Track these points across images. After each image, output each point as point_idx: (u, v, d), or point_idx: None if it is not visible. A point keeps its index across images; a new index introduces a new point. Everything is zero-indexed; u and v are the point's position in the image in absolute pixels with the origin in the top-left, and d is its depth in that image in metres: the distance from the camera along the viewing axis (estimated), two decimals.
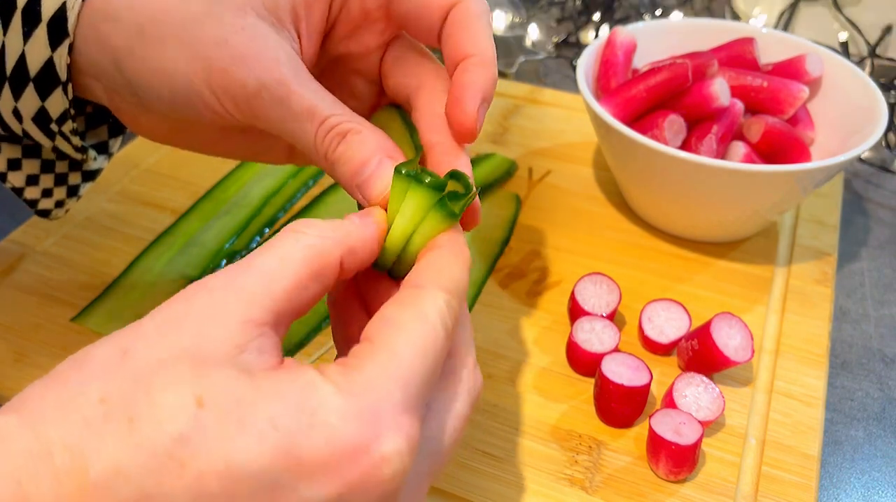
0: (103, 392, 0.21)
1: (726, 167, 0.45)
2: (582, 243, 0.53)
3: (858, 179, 0.63)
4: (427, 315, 0.25)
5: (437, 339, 0.24)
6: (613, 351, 0.42)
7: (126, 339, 0.22)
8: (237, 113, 0.31)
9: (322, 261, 0.25)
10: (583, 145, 0.63)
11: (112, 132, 0.40)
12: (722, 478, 0.39)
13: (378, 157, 0.30)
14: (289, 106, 0.30)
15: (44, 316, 0.47)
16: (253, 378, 0.21)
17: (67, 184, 0.40)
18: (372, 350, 0.23)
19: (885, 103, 0.50)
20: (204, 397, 0.20)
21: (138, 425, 0.20)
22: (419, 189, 0.28)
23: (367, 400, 0.22)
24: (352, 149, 0.30)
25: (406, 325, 0.24)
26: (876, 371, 0.48)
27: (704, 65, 0.53)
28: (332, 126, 0.30)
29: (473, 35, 0.32)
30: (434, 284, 0.26)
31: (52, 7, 0.31)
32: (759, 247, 0.53)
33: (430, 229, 0.29)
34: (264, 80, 0.30)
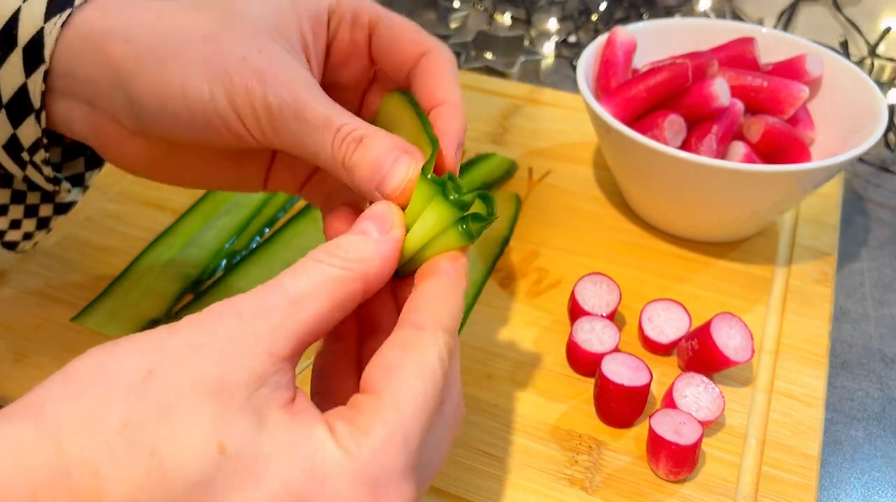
0: (126, 416, 0.21)
1: (726, 167, 0.45)
2: (582, 243, 0.53)
3: (858, 179, 0.63)
4: (430, 362, 0.25)
5: (437, 384, 0.25)
6: (613, 351, 0.42)
7: (151, 358, 0.22)
8: (257, 131, 0.31)
9: (345, 294, 0.26)
10: (583, 145, 0.63)
11: (88, 165, 0.40)
12: (722, 478, 0.39)
13: (394, 155, 0.30)
14: (307, 120, 0.30)
15: (44, 316, 0.47)
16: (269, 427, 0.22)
17: (38, 217, 0.40)
18: (378, 407, 0.24)
19: (885, 103, 0.50)
20: (226, 445, 0.21)
21: (159, 460, 0.20)
22: (444, 204, 0.29)
23: (373, 470, 0.23)
24: (368, 151, 0.30)
25: (409, 376, 0.25)
26: (876, 371, 0.48)
27: (704, 65, 0.53)
28: (347, 132, 0.30)
29: (444, 83, 0.33)
30: (435, 325, 0.26)
31: (30, 31, 0.31)
32: (759, 247, 0.53)
33: (445, 244, 0.29)
34: (284, 97, 0.30)
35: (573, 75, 0.76)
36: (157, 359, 0.22)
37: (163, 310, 0.47)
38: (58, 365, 0.22)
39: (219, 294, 0.48)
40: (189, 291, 0.49)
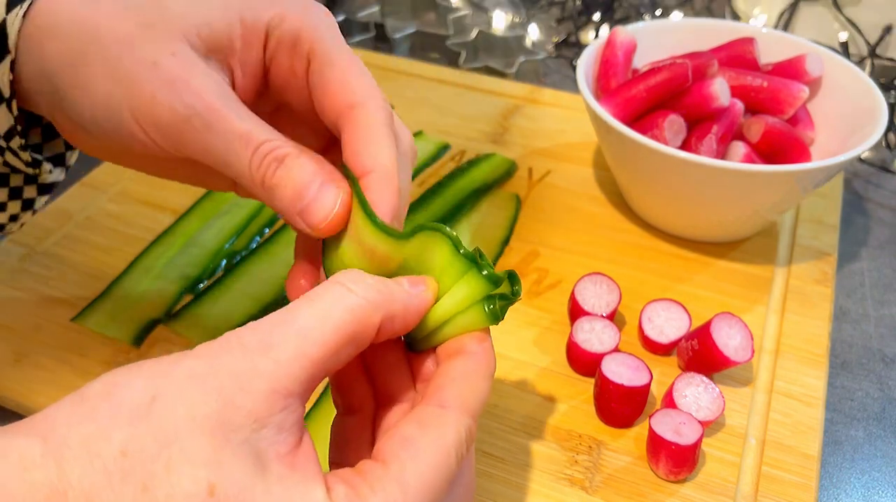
0: (125, 444, 0.21)
1: (726, 167, 0.45)
2: (582, 243, 0.53)
3: (858, 179, 0.63)
4: (446, 444, 0.24)
5: (450, 469, 0.24)
6: (613, 351, 0.42)
7: (156, 385, 0.22)
8: (163, 142, 0.30)
9: (362, 326, 0.25)
10: (583, 145, 0.63)
11: (69, 144, 0.39)
12: (722, 478, 0.39)
13: (319, 180, 0.29)
14: (220, 131, 0.29)
15: (44, 316, 0.47)
16: (266, 476, 0.22)
17: (22, 198, 0.39)
18: (383, 478, 0.23)
19: (885, 103, 0.50)
20: (217, 487, 0.21)
21: (150, 497, 0.20)
22: (478, 278, 0.28)
23: None
24: (291, 172, 0.29)
25: (422, 453, 0.24)
26: (876, 371, 0.48)
27: (704, 65, 0.53)
28: (268, 151, 0.29)
29: (372, 145, 0.30)
30: (460, 407, 0.25)
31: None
32: (759, 247, 0.53)
33: (468, 322, 0.28)
34: (195, 105, 0.29)
35: (573, 75, 0.76)
36: (162, 385, 0.22)
37: (163, 310, 0.47)
38: (58, 365, 0.23)
39: (219, 294, 0.48)
40: (189, 291, 0.49)
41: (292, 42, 0.31)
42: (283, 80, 0.33)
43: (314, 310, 0.24)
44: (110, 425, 0.21)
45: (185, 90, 0.29)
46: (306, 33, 0.31)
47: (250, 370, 0.22)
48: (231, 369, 0.22)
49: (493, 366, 0.28)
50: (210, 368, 0.22)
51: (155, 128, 0.29)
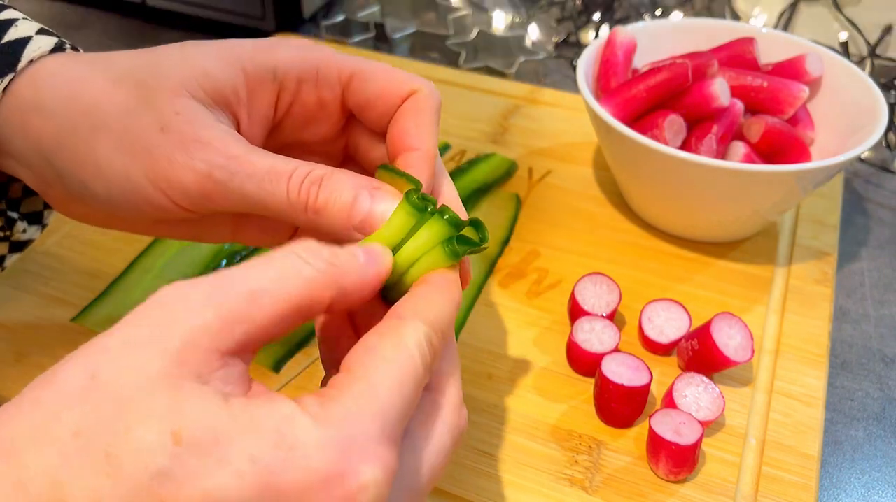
0: (77, 424, 0.20)
1: (726, 167, 0.45)
2: (582, 243, 0.53)
3: (858, 179, 0.63)
4: (406, 346, 0.25)
5: (415, 370, 0.24)
6: (613, 351, 0.42)
7: (92, 362, 0.22)
8: (190, 204, 0.30)
9: (311, 299, 0.24)
10: (583, 145, 0.63)
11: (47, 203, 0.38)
12: (722, 478, 0.39)
13: (366, 191, 0.29)
14: (247, 175, 0.29)
15: (44, 316, 0.47)
16: (230, 407, 0.21)
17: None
18: (350, 381, 0.23)
19: (885, 103, 0.50)
20: (181, 432, 0.20)
21: (116, 461, 0.20)
22: (438, 222, 0.28)
23: (343, 432, 0.22)
24: (335, 192, 0.29)
25: (384, 356, 0.24)
26: (876, 371, 0.48)
27: (704, 65, 0.53)
28: (303, 176, 0.29)
29: (421, 127, 0.31)
30: (416, 316, 0.26)
31: None
32: (759, 247, 0.53)
33: (432, 263, 0.29)
34: (212, 159, 0.29)
35: (573, 75, 0.76)
36: (98, 361, 0.22)
37: None
38: None
39: None
40: None
41: (315, 77, 0.32)
42: (309, 115, 0.34)
43: (268, 275, 0.24)
44: (56, 409, 0.21)
45: (199, 148, 0.29)
46: (327, 63, 0.32)
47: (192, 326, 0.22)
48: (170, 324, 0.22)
49: (455, 291, 0.28)
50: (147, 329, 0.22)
51: (180, 192, 0.29)
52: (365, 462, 0.22)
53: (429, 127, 0.32)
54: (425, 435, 0.26)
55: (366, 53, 0.74)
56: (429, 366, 0.25)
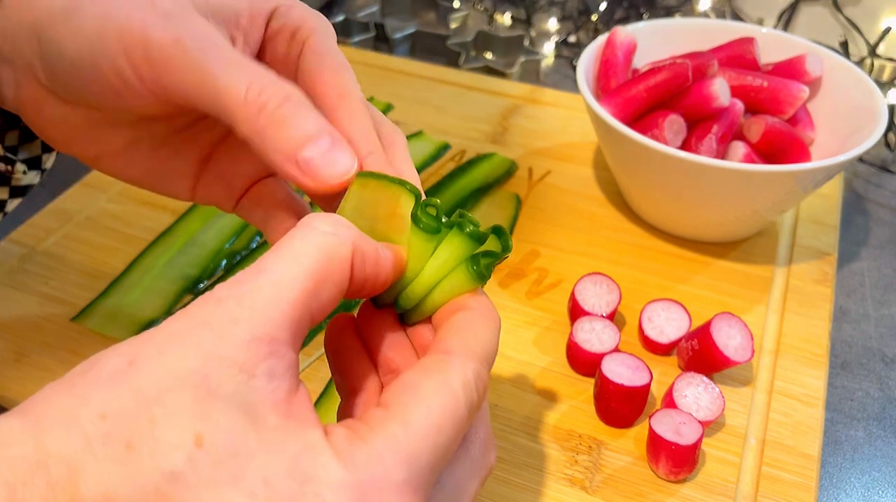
0: (105, 406, 0.20)
1: (726, 167, 0.45)
2: (582, 243, 0.53)
3: (858, 179, 0.63)
4: (451, 386, 0.23)
5: (458, 413, 0.23)
6: (613, 351, 0.42)
7: (134, 349, 0.21)
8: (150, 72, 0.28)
9: (334, 261, 0.24)
10: (583, 145, 0.63)
11: (46, 146, 0.38)
12: (722, 478, 0.39)
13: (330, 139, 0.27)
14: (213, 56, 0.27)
15: (44, 316, 0.47)
16: (257, 425, 0.21)
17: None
18: (384, 418, 0.22)
19: (885, 103, 0.50)
20: (204, 437, 0.20)
21: (135, 454, 0.20)
22: (459, 237, 0.27)
23: (366, 476, 0.21)
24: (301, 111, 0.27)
25: (426, 394, 0.23)
26: (876, 371, 0.48)
27: (704, 65, 0.53)
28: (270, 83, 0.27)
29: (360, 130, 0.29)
30: (465, 351, 0.24)
31: None
32: (759, 247, 0.53)
33: (457, 284, 0.27)
34: (187, 27, 0.27)
35: (573, 75, 0.76)
36: (140, 349, 0.21)
37: (163, 310, 0.47)
38: (58, 365, 0.23)
39: None
40: (189, 291, 0.49)
41: (293, 31, 0.32)
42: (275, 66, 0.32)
43: (282, 255, 0.23)
44: (88, 392, 0.20)
45: (179, 19, 0.28)
46: (308, 25, 0.32)
47: (226, 320, 0.22)
48: (206, 321, 0.22)
49: (497, 318, 0.27)
50: (186, 325, 0.22)
51: (143, 55, 0.28)
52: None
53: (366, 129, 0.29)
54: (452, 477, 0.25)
55: (366, 53, 0.74)
56: (475, 408, 0.24)
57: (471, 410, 0.24)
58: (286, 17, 0.32)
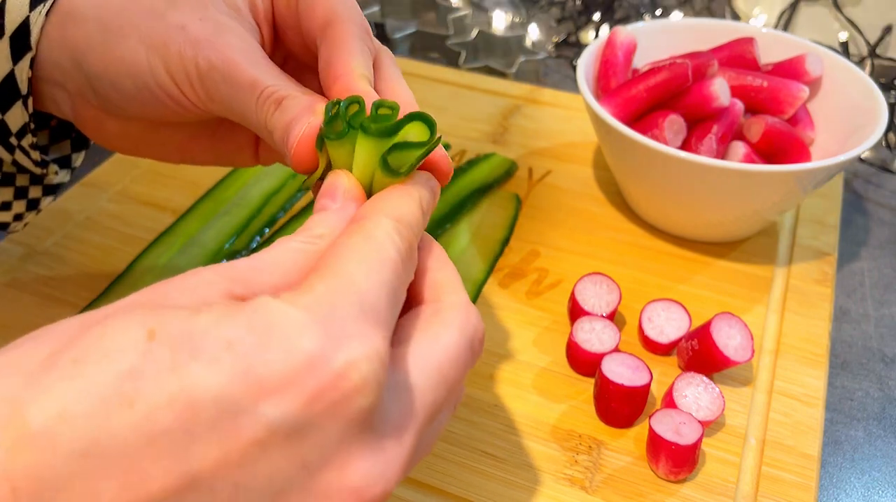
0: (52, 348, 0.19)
1: (726, 167, 0.45)
2: (582, 243, 0.53)
3: (858, 179, 0.63)
4: (375, 237, 0.23)
5: (390, 256, 0.23)
6: (613, 351, 0.42)
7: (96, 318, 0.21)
8: (192, 94, 0.31)
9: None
10: (583, 145, 0.63)
11: (75, 146, 0.40)
12: (722, 478, 0.39)
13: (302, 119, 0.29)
14: (234, 82, 0.30)
15: (44, 316, 0.47)
16: (210, 308, 0.20)
17: (27, 198, 0.40)
18: (320, 276, 0.22)
19: (885, 103, 0.50)
20: (156, 329, 0.19)
21: (83, 366, 0.19)
22: (364, 139, 0.26)
23: (324, 311, 0.21)
24: (285, 113, 0.29)
25: (353, 246, 0.23)
26: (876, 371, 0.48)
27: (704, 65, 0.53)
28: (269, 94, 0.30)
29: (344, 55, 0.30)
30: (378, 212, 0.25)
31: (15, 21, 0.32)
32: (759, 247, 0.53)
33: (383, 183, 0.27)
34: (213, 59, 0.30)
35: (573, 75, 0.76)
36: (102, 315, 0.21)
37: None
38: None
39: None
40: None
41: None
42: (282, 21, 0.34)
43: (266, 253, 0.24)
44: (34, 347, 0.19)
45: (207, 47, 0.30)
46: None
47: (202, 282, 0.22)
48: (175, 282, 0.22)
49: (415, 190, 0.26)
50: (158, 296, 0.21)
51: (186, 81, 0.31)
52: (350, 338, 0.20)
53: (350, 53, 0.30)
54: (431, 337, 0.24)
55: None
56: (404, 256, 0.24)
57: (401, 256, 0.24)
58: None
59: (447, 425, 0.41)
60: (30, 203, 0.40)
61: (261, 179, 0.57)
